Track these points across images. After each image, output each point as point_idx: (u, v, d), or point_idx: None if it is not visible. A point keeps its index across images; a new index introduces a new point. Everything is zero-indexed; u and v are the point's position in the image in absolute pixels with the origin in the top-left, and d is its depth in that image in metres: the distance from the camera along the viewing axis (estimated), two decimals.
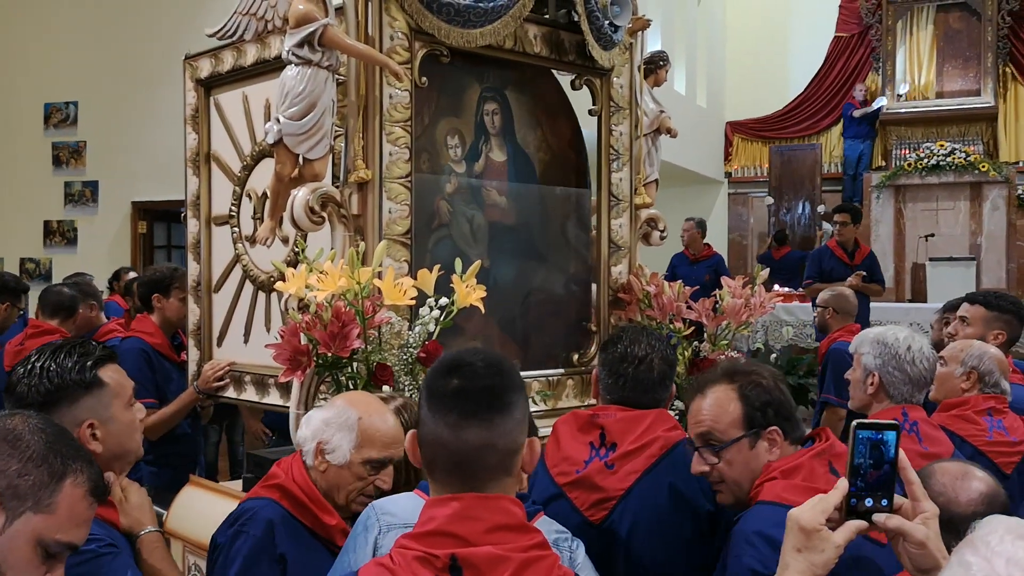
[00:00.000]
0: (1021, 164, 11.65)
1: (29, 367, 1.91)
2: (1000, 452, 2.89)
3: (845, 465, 1.39)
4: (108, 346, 2.28)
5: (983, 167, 11.26)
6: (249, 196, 3.45)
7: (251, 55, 3.31)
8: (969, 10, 11.82)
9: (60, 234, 9.33)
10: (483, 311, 2.83)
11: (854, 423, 1.38)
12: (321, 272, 2.53)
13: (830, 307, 5.34)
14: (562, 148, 3.66)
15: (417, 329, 2.71)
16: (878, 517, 1.36)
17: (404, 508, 1.81)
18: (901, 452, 1.37)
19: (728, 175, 13.36)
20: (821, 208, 11.61)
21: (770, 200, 12.10)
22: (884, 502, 1.38)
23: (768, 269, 3.93)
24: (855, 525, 1.35)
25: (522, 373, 3.34)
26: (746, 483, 1.90)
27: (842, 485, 1.37)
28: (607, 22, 3.49)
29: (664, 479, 2.23)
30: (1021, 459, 2.89)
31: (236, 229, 3.50)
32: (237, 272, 3.51)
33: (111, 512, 1.94)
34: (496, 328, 3.41)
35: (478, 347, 1.60)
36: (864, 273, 7.36)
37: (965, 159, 11.34)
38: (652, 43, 10.56)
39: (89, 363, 1.93)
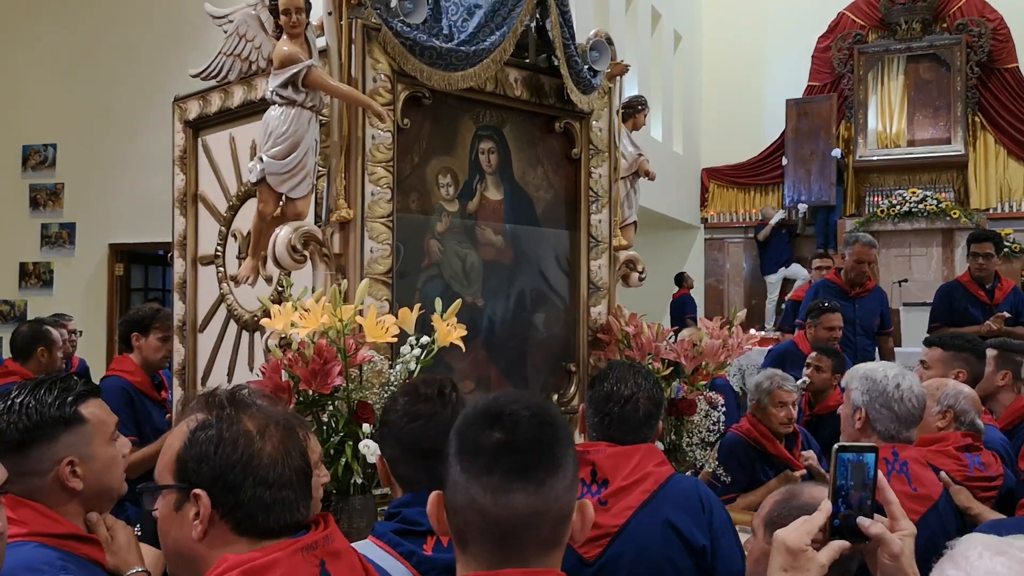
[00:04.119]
0: (991, 211, 11.88)
1: (8, 403, 1.89)
2: (979, 487, 2.93)
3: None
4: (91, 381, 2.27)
5: (954, 214, 11.47)
6: (235, 236, 3.46)
7: (238, 96, 3.35)
8: (938, 61, 12.13)
9: (36, 276, 9.25)
10: (463, 350, 2.84)
11: (836, 446, 1.43)
12: (304, 309, 2.53)
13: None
14: (566, 187, 3.70)
15: (398, 368, 2.72)
16: (862, 521, 1.40)
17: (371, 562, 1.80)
18: (880, 473, 1.41)
19: (704, 220, 13.52)
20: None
21: (782, 213, 12.20)
22: None
23: (745, 311, 3.98)
24: (838, 545, 1.39)
25: None
26: None
27: (825, 506, 1.41)
28: (586, 67, 3.57)
29: (659, 515, 2.24)
30: (996, 494, 2.93)
31: (221, 269, 3.51)
32: (222, 312, 3.51)
33: (97, 552, 1.91)
34: (496, 369, 3.42)
35: (515, 391, 1.36)
36: (1008, 315, 5.86)
37: (936, 206, 11.56)
38: (629, 90, 10.71)
39: (69, 399, 1.91)
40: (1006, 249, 10.27)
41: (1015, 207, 11.94)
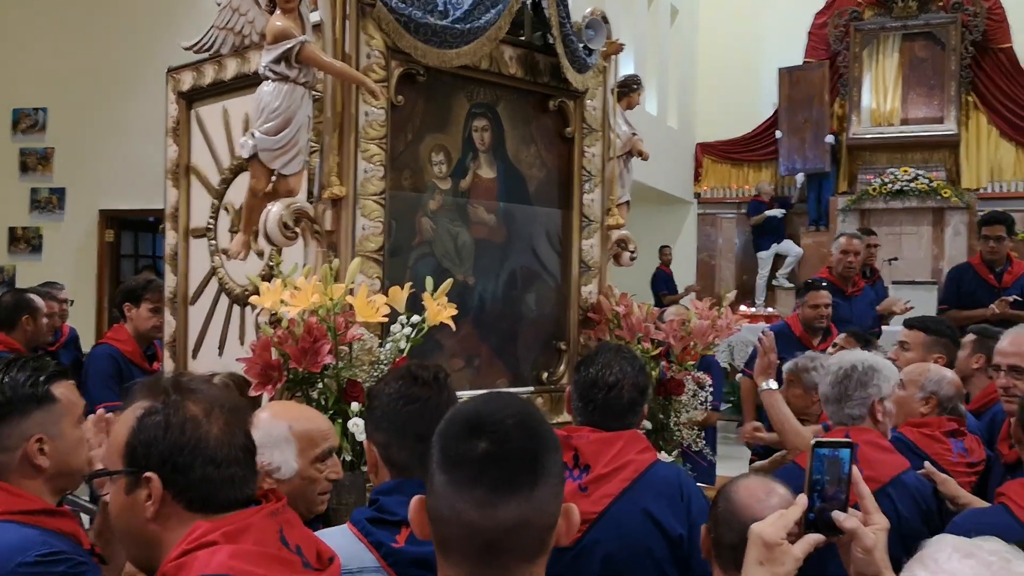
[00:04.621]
0: (982, 191, 11.91)
1: None
2: (960, 472, 2.98)
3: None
4: (62, 362, 2.29)
5: (945, 193, 11.50)
6: (227, 209, 3.46)
7: (231, 69, 3.33)
8: (934, 39, 12.09)
9: (25, 241, 9.20)
10: (454, 328, 2.86)
11: (812, 441, 1.45)
12: (295, 287, 2.54)
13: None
14: (560, 165, 3.69)
15: (388, 346, 2.73)
16: (837, 515, 1.43)
17: (339, 549, 1.80)
18: (855, 468, 1.44)
19: (698, 196, 13.52)
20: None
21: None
22: None
23: (735, 291, 4.01)
24: (813, 539, 1.42)
25: (495, 392, 3.38)
26: None
27: (801, 500, 1.43)
28: (581, 45, 3.56)
29: (637, 503, 2.25)
30: (978, 479, 2.98)
31: (213, 242, 3.51)
32: (213, 285, 3.51)
33: (70, 525, 1.92)
34: (486, 347, 3.44)
35: (498, 394, 1.30)
36: (1014, 298, 5.69)
37: (928, 185, 11.58)
38: (625, 64, 10.68)
39: (42, 378, 1.94)
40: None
41: (1005, 187, 11.98)
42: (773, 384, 3.38)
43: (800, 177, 12.40)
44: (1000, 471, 2.88)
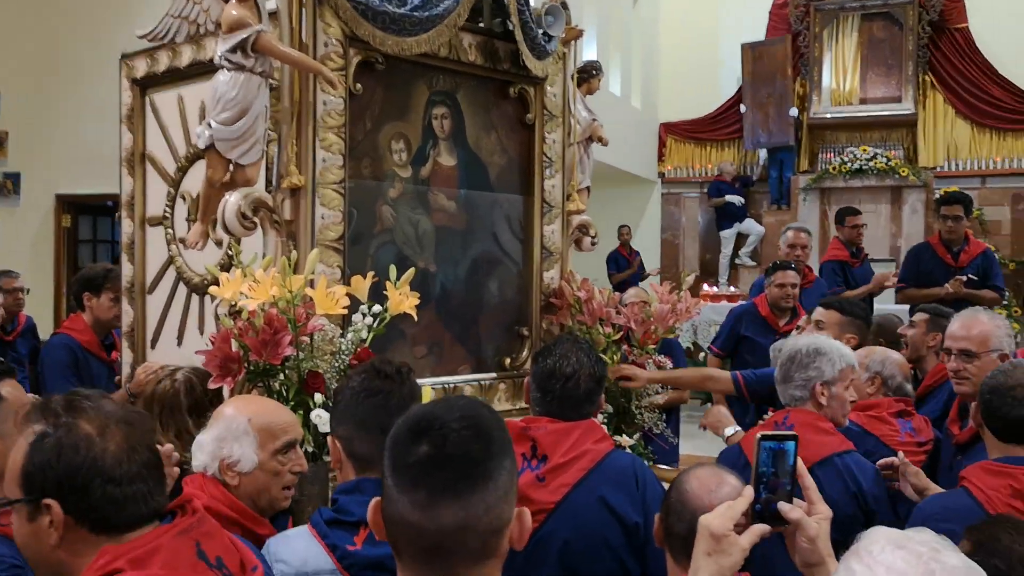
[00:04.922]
0: (939, 169, 12.09)
1: None
2: (909, 452, 3.05)
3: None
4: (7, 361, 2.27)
5: (903, 172, 11.66)
6: (184, 198, 3.43)
7: (186, 56, 3.28)
8: (892, 20, 12.21)
9: None
10: (416, 319, 2.87)
11: (758, 435, 1.49)
12: (254, 280, 2.53)
13: (879, 336, 4.65)
14: (520, 152, 3.70)
15: (349, 336, 2.74)
16: (782, 506, 1.47)
17: (298, 553, 1.83)
18: (799, 460, 1.48)
19: (661, 175, 13.58)
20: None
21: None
22: None
23: (694, 275, 4.06)
24: (759, 529, 1.46)
25: (457, 378, 3.41)
26: None
27: (748, 492, 1.47)
28: (541, 32, 3.56)
29: (594, 492, 2.29)
30: (926, 457, 3.06)
31: (170, 231, 3.48)
32: (171, 274, 3.49)
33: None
34: (448, 334, 3.45)
35: (455, 398, 1.35)
36: (967, 278, 5.87)
37: (886, 164, 11.73)
38: (588, 45, 10.67)
39: None
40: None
41: (962, 166, 12.17)
42: (730, 430, 3.37)
43: (762, 154, 12.49)
44: (950, 451, 2.95)
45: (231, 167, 2.84)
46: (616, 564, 2.26)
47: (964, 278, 5.86)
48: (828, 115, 12.43)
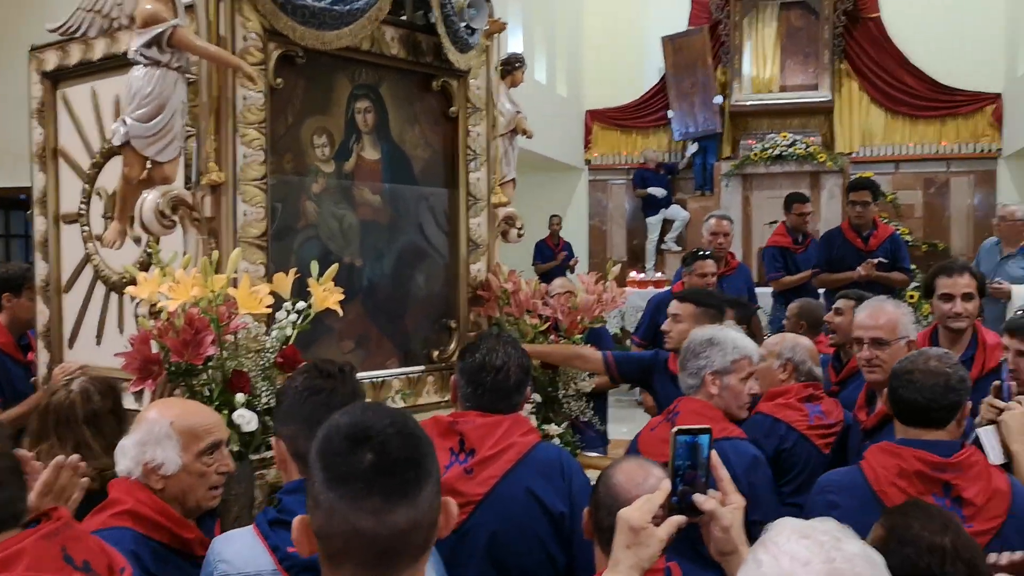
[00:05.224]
0: (855, 155, 12.47)
1: None
2: (819, 435, 3.19)
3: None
4: None
5: (821, 158, 11.99)
6: (99, 194, 3.35)
7: (99, 49, 3.20)
8: (808, 9, 12.51)
9: None
10: (340, 314, 2.87)
11: (673, 429, 1.54)
12: (173, 279, 2.50)
13: (800, 319, 4.96)
14: (445, 145, 3.69)
15: (274, 334, 2.72)
16: (698, 497, 1.53)
17: (240, 554, 1.83)
18: (713, 452, 1.54)
19: (588, 163, 13.70)
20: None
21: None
22: None
23: (619, 265, 4.14)
24: (676, 520, 1.52)
25: (385, 372, 3.41)
26: None
27: (665, 486, 1.52)
28: (463, 25, 3.56)
29: (521, 483, 2.33)
30: (836, 439, 3.18)
31: (86, 228, 3.39)
32: (88, 272, 3.40)
33: None
34: (375, 328, 3.45)
35: (368, 406, 1.35)
36: (879, 260, 6.09)
37: (805, 150, 12.04)
38: (513, 33, 10.68)
39: None
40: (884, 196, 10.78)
41: (876, 151, 12.57)
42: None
43: (693, 147, 12.67)
44: (858, 436, 3.07)
45: (149, 164, 2.79)
46: (543, 554, 2.31)
47: (875, 261, 6.06)
48: (749, 102, 12.69)
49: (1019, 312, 3.26)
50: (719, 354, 2.81)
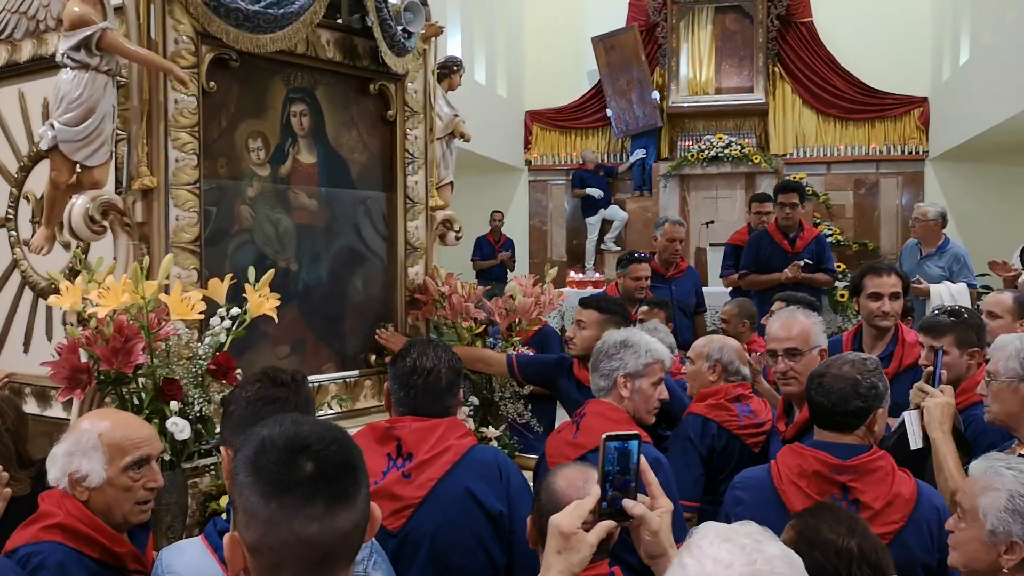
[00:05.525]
0: (788, 156, 12.74)
1: None
2: (749, 434, 3.26)
3: None
4: None
5: (755, 159, 12.22)
6: (27, 198, 3.28)
7: (27, 51, 3.13)
8: (743, 13, 12.74)
9: None
10: (276, 321, 2.85)
11: (604, 436, 1.56)
12: (102, 286, 2.46)
13: (742, 318, 4.92)
14: (382, 148, 3.69)
15: (207, 340, 2.70)
16: (627, 502, 1.56)
17: (190, 565, 1.81)
18: (642, 457, 1.57)
19: (528, 163, 13.76)
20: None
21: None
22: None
23: (556, 268, 4.19)
24: (606, 525, 1.54)
25: (322, 377, 3.40)
26: None
27: (595, 491, 1.55)
28: (400, 28, 3.57)
29: (459, 484, 2.35)
30: (765, 438, 3.26)
31: (14, 232, 3.32)
32: (16, 278, 3.33)
33: None
34: (311, 333, 3.43)
35: (292, 418, 1.32)
36: (805, 262, 6.21)
37: (740, 151, 12.26)
38: (452, 33, 10.68)
39: None
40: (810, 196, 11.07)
41: (809, 153, 12.87)
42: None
43: (638, 153, 12.77)
44: (777, 446, 3.11)
45: (78, 168, 2.74)
46: (483, 554, 2.33)
47: (801, 263, 6.19)
48: (686, 104, 12.88)
49: (935, 311, 3.36)
50: (632, 356, 2.79)
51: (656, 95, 12.65)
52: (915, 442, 2.72)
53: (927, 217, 6.41)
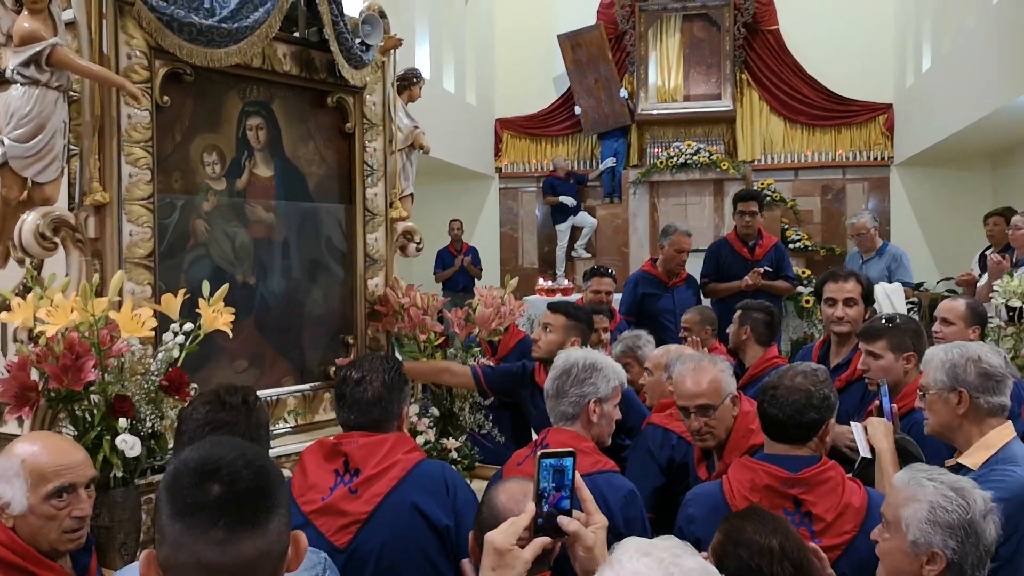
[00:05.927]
0: (756, 163, 12.87)
1: None
2: None
3: None
4: None
5: (724, 165, 12.32)
6: None
7: None
8: (710, 21, 12.87)
9: None
10: (231, 335, 2.85)
11: (538, 452, 1.59)
12: (52, 304, 2.45)
13: (703, 325, 4.83)
14: (340, 161, 3.70)
15: (160, 356, 2.69)
16: (562, 519, 1.58)
17: None
18: (577, 474, 1.59)
19: (499, 170, 13.80)
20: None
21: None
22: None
23: (516, 279, 4.21)
24: (541, 542, 1.57)
25: (279, 390, 3.38)
26: None
27: (530, 508, 1.57)
28: (358, 41, 3.58)
29: (406, 499, 2.35)
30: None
31: None
32: None
33: None
34: (269, 346, 3.43)
35: (219, 440, 1.33)
36: (764, 269, 6.27)
37: (708, 158, 12.35)
38: (420, 42, 10.70)
39: None
40: (768, 198, 11.19)
41: (776, 159, 13.01)
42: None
43: (609, 162, 12.84)
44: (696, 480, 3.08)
45: (28, 185, 2.73)
46: (430, 568, 2.34)
47: (761, 270, 6.25)
48: (655, 111, 12.97)
49: (878, 318, 3.43)
50: (603, 380, 2.67)
51: (625, 93, 12.77)
52: (864, 450, 2.78)
53: (865, 228, 6.67)
